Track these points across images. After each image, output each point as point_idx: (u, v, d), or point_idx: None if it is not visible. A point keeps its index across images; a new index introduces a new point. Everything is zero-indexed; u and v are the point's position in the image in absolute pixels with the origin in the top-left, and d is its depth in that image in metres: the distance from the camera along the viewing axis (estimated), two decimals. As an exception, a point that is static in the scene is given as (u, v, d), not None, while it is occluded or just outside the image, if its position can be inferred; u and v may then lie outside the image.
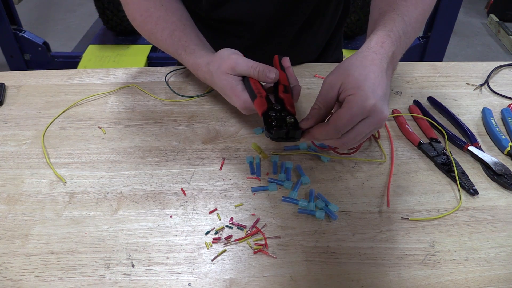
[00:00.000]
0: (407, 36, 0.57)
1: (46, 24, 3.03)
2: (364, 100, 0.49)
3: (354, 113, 0.49)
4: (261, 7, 0.76)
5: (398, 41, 0.55)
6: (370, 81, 0.50)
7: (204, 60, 0.66)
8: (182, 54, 0.69)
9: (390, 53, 0.54)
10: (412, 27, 0.58)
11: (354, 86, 0.49)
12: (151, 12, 0.70)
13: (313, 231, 0.54)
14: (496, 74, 0.83)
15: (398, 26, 0.56)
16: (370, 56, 0.52)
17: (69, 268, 0.51)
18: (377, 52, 0.53)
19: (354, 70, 0.51)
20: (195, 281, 0.49)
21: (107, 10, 2.25)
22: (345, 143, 0.52)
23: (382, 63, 0.52)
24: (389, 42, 0.54)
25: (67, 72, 0.83)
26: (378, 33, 0.55)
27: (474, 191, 0.59)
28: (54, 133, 0.70)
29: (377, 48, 0.53)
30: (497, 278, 0.49)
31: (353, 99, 0.49)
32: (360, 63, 0.52)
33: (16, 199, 0.59)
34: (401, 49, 0.57)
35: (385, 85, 0.51)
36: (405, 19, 0.57)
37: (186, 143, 0.67)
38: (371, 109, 0.49)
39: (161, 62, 2.24)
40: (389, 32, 0.55)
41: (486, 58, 2.73)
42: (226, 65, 0.61)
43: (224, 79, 0.62)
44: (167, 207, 0.58)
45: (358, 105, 0.49)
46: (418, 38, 2.15)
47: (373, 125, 0.51)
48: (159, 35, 0.71)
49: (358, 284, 0.49)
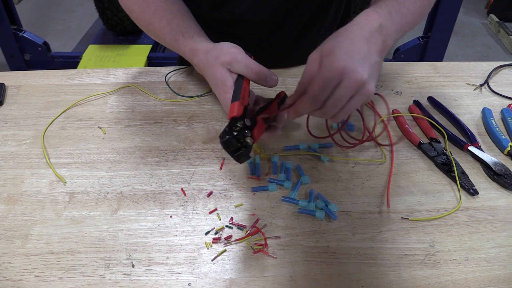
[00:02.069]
0: (400, 14, 0.57)
1: (46, 24, 3.03)
2: (334, 62, 0.48)
3: (325, 76, 0.48)
4: (262, 7, 0.76)
5: (387, 16, 0.55)
6: (344, 46, 0.49)
7: (203, 46, 0.65)
8: (180, 39, 0.67)
9: (376, 24, 0.53)
10: (407, 9, 0.58)
11: (328, 53, 0.49)
12: (149, 3, 0.69)
13: (313, 231, 0.54)
14: (496, 74, 0.83)
15: (389, 5, 0.56)
16: (350, 27, 0.52)
17: (69, 268, 0.51)
18: (359, 23, 0.53)
19: (331, 39, 0.51)
20: (195, 281, 0.49)
21: (107, 10, 2.25)
22: (327, 112, 0.51)
23: (363, 32, 0.52)
24: (376, 15, 0.54)
25: (67, 72, 0.83)
26: (365, 11, 0.55)
27: (474, 191, 0.59)
28: (54, 133, 0.70)
29: (360, 20, 0.53)
30: (497, 278, 0.49)
31: (324, 64, 0.49)
32: (338, 34, 0.52)
33: (16, 199, 0.59)
34: (394, 24, 0.56)
35: (365, 52, 0.50)
36: (399, 0, 0.57)
37: (186, 143, 0.67)
38: (342, 71, 0.48)
39: (161, 62, 2.24)
40: (377, 8, 0.55)
41: (486, 58, 2.72)
42: (225, 58, 0.60)
43: (219, 71, 0.60)
44: (167, 207, 0.58)
45: (327, 68, 0.48)
46: (418, 38, 2.14)
47: (350, 89, 0.49)
48: (157, 24, 0.69)
49: (358, 284, 0.49)
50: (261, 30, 0.79)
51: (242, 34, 0.81)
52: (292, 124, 0.71)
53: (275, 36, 0.81)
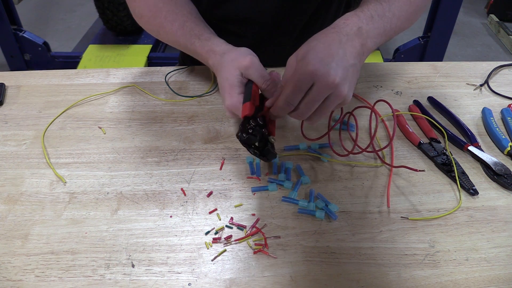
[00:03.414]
0: (384, 18, 0.57)
1: (46, 24, 3.03)
2: (305, 66, 0.49)
3: (296, 79, 0.50)
4: (262, 5, 0.76)
5: (368, 19, 0.55)
6: (317, 50, 0.50)
7: (221, 48, 0.65)
8: (195, 42, 0.68)
9: (355, 28, 0.54)
10: (393, 13, 0.59)
11: (301, 58, 0.51)
12: (160, 7, 0.70)
13: (313, 231, 0.54)
14: (496, 74, 0.83)
15: (372, 9, 0.57)
16: (327, 31, 0.54)
17: (69, 268, 0.51)
18: (336, 27, 0.54)
19: (306, 44, 0.52)
20: (195, 281, 0.49)
21: (107, 10, 2.25)
22: (301, 113, 0.53)
23: (339, 36, 0.52)
24: (355, 19, 0.55)
25: (67, 72, 0.83)
26: (345, 14, 0.56)
27: (474, 191, 0.59)
28: (54, 133, 0.70)
29: (338, 24, 0.54)
30: (497, 278, 0.49)
31: (297, 67, 0.50)
32: (314, 38, 0.53)
33: (16, 199, 0.59)
34: (376, 28, 0.56)
35: (339, 55, 0.51)
36: (382, 3, 0.58)
37: (186, 143, 0.67)
38: (314, 74, 0.49)
39: (161, 62, 2.24)
40: (358, 12, 0.56)
41: (486, 58, 2.72)
42: (243, 62, 0.60)
43: (231, 74, 0.61)
44: (167, 207, 0.58)
45: (299, 71, 0.50)
46: (418, 38, 2.14)
47: (322, 91, 0.50)
48: (169, 27, 0.70)
49: (358, 284, 0.49)
50: (261, 28, 0.79)
51: (243, 32, 0.81)
52: (292, 124, 0.71)
53: (276, 35, 0.81)
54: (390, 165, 0.63)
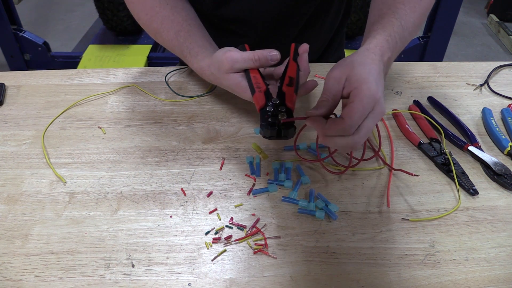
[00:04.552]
0: (402, 41, 0.59)
1: (46, 24, 3.03)
2: (372, 91, 0.50)
3: (365, 104, 0.49)
4: (264, 5, 0.76)
5: (394, 47, 0.57)
6: (374, 76, 0.51)
7: (205, 63, 0.67)
8: (187, 56, 0.70)
9: (386, 58, 0.56)
10: (409, 32, 0.60)
11: (360, 80, 0.50)
12: (156, 11, 0.70)
13: (313, 231, 0.54)
14: (496, 74, 0.83)
15: (396, 31, 0.58)
16: (370, 56, 0.54)
17: (69, 268, 0.51)
18: (376, 54, 0.55)
19: (358, 65, 0.52)
20: (195, 281, 0.49)
21: (107, 10, 2.25)
22: (356, 141, 0.51)
23: (380, 65, 0.54)
24: (386, 47, 0.56)
25: (67, 72, 0.83)
26: (377, 37, 0.57)
27: (474, 191, 0.59)
28: (54, 133, 0.70)
29: (376, 50, 0.55)
30: (497, 278, 0.49)
31: (362, 91, 0.50)
32: (362, 60, 0.53)
33: (16, 199, 0.59)
34: (396, 54, 0.59)
35: (383, 85, 0.53)
36: (402, 23, 0.59)
37: (186, 143, 0.67)
38: (378, 101, 0.50)
39: (161, 62, 2.24)
40: (387, 37, 0.57)
41: (486, 58, 2.72)
42: (224, 66, 0.62)
43: (228, 79, 0.63)
44: (167, 207, 0.58)
45: (367, 96, 0.49)
46: (418, 38, 2.15)
47: (376, 119, 0.51)
48: (165, 35, 0.71)
49: (358, 284, 0.49)
50: (263, 28, 0.80)
51: (245, 31, 0.81)
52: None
53: (278, 34, 0.81)
54: (390, 166, 0.63)
